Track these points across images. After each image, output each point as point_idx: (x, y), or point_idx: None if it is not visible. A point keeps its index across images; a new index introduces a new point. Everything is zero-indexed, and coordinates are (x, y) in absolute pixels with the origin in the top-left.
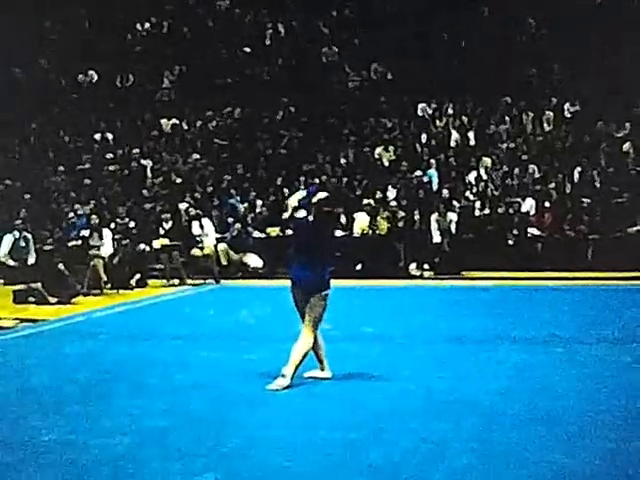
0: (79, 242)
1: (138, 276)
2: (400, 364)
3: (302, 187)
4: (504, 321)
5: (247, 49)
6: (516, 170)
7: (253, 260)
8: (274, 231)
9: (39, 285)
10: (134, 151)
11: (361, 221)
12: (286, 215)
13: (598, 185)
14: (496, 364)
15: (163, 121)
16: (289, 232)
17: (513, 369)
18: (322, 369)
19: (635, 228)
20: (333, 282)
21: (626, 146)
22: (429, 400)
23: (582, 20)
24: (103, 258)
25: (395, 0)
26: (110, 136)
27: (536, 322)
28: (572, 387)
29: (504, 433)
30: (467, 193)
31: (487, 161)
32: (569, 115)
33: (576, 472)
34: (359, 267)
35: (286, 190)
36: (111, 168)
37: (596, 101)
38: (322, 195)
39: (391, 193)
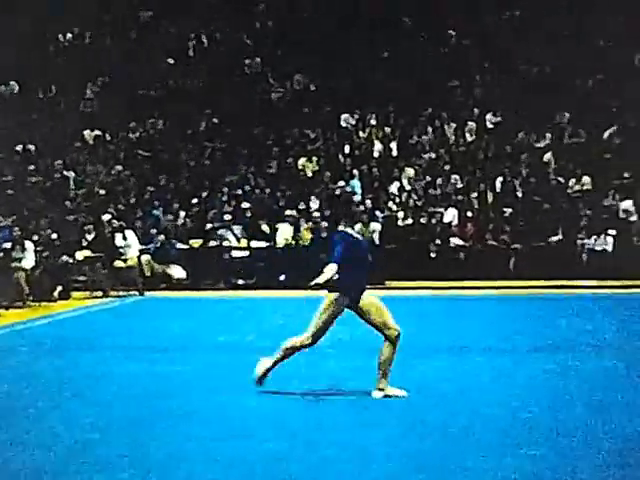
0: (1, 254)
1: (60, 288)
2: (329, 372)
3: (225, 198)
4: (426, 331)
5: (170, 60)
6: (438, 180)
7: (176, 271)
8: (197, 242)
9: None
10: (57, 162)
11: (284, 232)
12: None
13: (520, 195)
14: (418, 373)
15: (86, 132)
16: (212, 243)
17: (435, 378)
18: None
19: (556, 237)
20: (257, 293)
21: (547, 156)
22: (361, 408)
23: (503, 32)
24: (25, 270)
25: (317, 12)
26: (32, 147)
27: (458, 331)
28: (491, 395)
29: (422, 441)
30: (390, 203)
31: (410, 171)
32: (491, 126)
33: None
34: (282, 278)
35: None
36: (33, 180)
37: (517, 112)
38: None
39: (314, 204)
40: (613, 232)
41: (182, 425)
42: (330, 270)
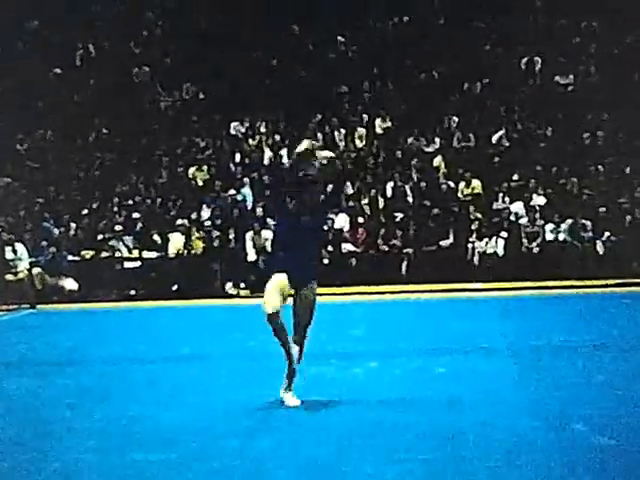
0: None
1: None
2: (215, 383)
3: (116, 209)
4: (318, 337)
5: (58, 70)
6: (330, 186)
7: (68, 283)
8: (88, 254)
9: None
10: None
11: (176, 241)
12: None
13: (411, 200)
14: (311, 381)
15: None
16: (104, 254)
17: (328, 385)
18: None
19: (447, 241)
20: (149, 304)
21: (436, 161)
22: (250, 415)
23: (391, 38)
24: None
25: (206, 19)
26: None
27: (350, 337)
28: (383, 399)
29: (315, 448)
30: None
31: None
32: (380, 131)
33: None
34: (175, 287)
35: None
36: None
37: (407, 117)
38: None
39: (205, 212)
40: (504, 235)
41: (73, 438)
42: None
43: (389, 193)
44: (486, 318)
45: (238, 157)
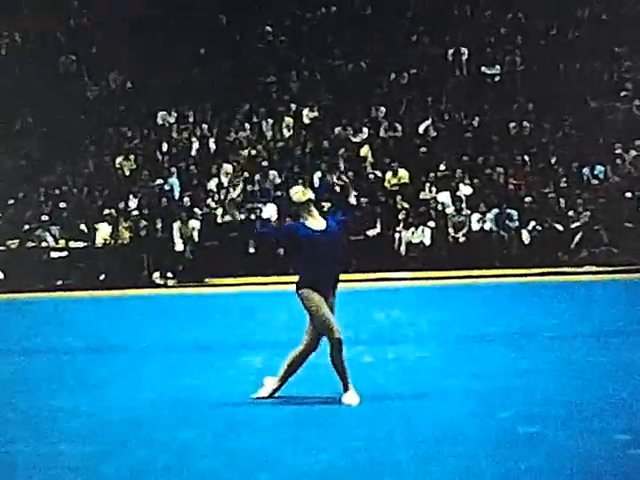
0: None
1: None
2: (141, 373)
3: (43, 199)
4: (241, 327)
5: None
6: (257, 176)
7: None
8: (14, 244)
9: None
10: None
11: (103, 231)
12: None
13: (338, 189)
14: (236, 370)
15: None
16: (30, 244)
17: (257, 373)
18: None
19: (374, 231)
20: (76, 294)
21: (364, 150)
22: (174, 407)
23: (318, 28)
24: None
25: (133, 9)
26: None
27: (275, 327)
28: (309, 389)
29: (237, 439)
30: (209, 200)
31: (228, 168)
32: (308, 121)
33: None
34: (102, 277)
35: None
36: None
37: (334, 107)
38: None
39: (133, 202)
40: (430, 224)
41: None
42: None
43: (316, 183)
44: (412, 307)
45: (165, 147)
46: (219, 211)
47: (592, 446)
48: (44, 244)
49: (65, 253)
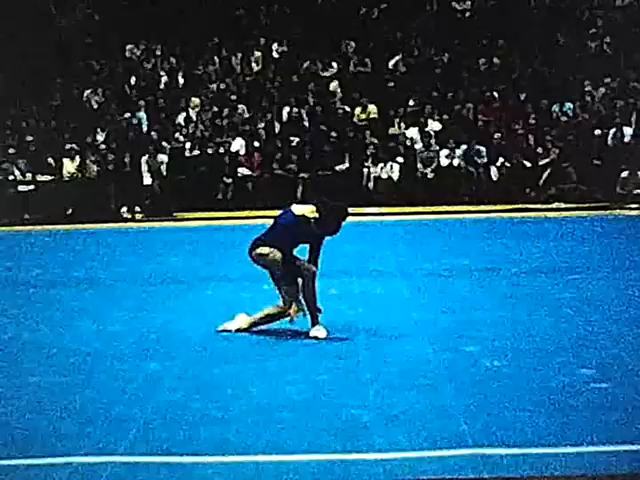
0: None
1: None
2: (110, 307)
3: (8, 132)
4: (215, 261)
5: None
6: (225, 110)
7: None
8: None
9: None
10: None
11: (70, 165)
12: None
13: (306, 124)
14: (204, 303)
15: None
16: None
17: (225, 306)
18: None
19: (343, 166)
20: (43, 228)
21: (333, 85)
22: (142, 339)
23: None
24: None
25: None
26: None
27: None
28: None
29: (203, 369)
30: (177, 134)
31: (196, 102)
32: (277, 55)
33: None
34: (69, 211)
35: None
36: None
37: (303, 41)
38: None
39: (100, 136)
40: (399, 160)
41: None
42: None
43: (285, 117)
44: (379, 242)
45: (134, 80)
46: (187, 145)
47: (556, 380)
48: (11, 177)
49: (32, 187)
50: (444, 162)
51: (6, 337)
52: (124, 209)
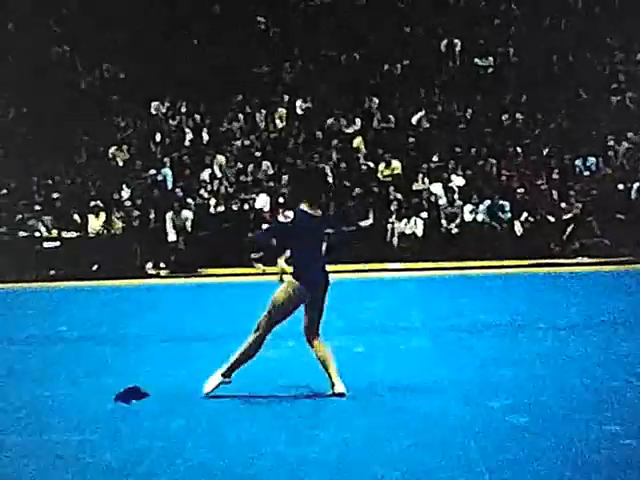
0: None
1: None
2: (134, 363)
3: (35, 188)
4: (232, 318)
5: None
6: (250, 167)
7: None
8: (7, 233)
9: None
10: None
11: (95, 221)
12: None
13: (331, 180)
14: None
15: None
16: (22, 234)
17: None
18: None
19: (367, 222)
20: (68, 284)
21: (356, 141)
22: (166, 396)
23: (311, 18)
24: None
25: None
26: None
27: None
28: (301, 378)
29: (230, 427)
30: (202, 191)
31: (221, 159)
32: (300, 112)
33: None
34: (95, 267)
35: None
36: None
37: (327, 98)
38: None
39: (125, 192)
40: (423, 215)
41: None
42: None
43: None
44: (404, 298)
45: (159, 137)
46: (212, 201)
47: (582, 437)
48: (37, 234)
49: (58, 243)
50: (468, 217)
51: (32, 393)
52: (149, 265)
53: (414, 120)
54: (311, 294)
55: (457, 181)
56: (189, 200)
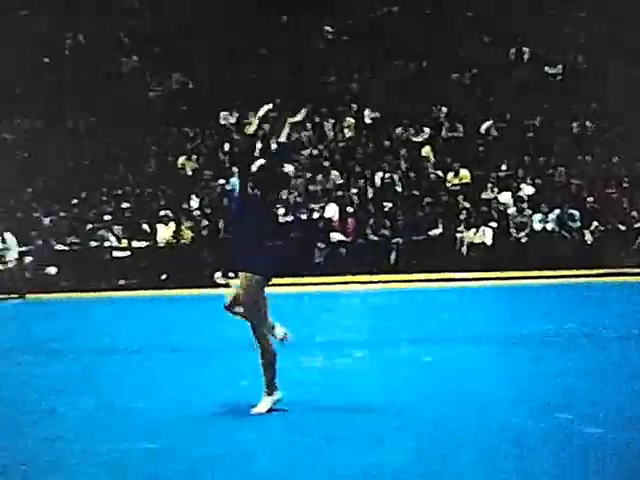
0: None
1: None
2: (204, 373)
3: (105, 198)
4: (306, 328)
5: (46, 59)
6: (318, 176)
7: (51, 271)
8: (77, 243)
9: None
10: None
11: (165, 231)
12: None
13: (399, 189)
14: (299, 372)
15: None
16: (93, 244)
17: (317, 375)
18: None
19: (436, 231)
20: (138, 293)
21: (425, 150)
22: (234, 407)
23: (379, 27)
24: None
25: (194, 8)
26: None
27: (338, 326)
28: (370, 387)
29: (301, 437)
30: None
31: (290, 168)
32: (369, 121)
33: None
34: (164, 277)
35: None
36: None
37: (395, 107)
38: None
39: (194, 202)
40: (492, 225)
41: (57, 427)
42: None
43: (378, 183)
44: (473, 308)
45: (227, 147)
46: (281, 211)
47: None
48: (107, 244)
49: (127, 253)
50: (537, 227)
51: (103, 403)
52: (218, 274)
53: (483, 129)
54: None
55: (526, 190)
56: None
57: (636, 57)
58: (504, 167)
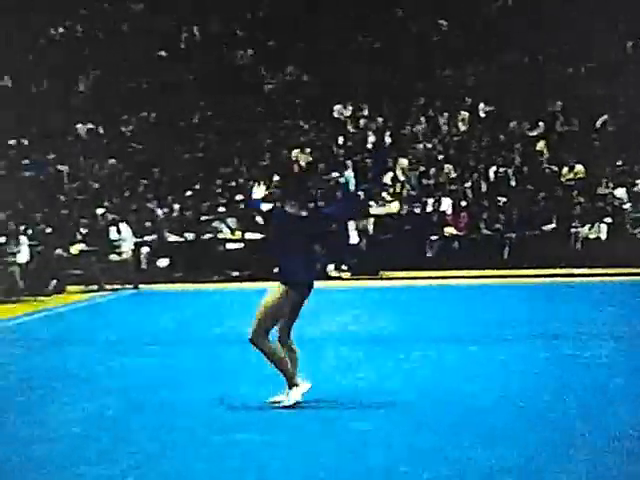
0: None
1: (55, 282)
2: (316, 364)
3: (219, 190)
4: (420, 321)
5: (162, 53)
6: (432, 170)
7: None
8: (191, 235)
9: None
10: (50, 156)
11: None
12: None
13: (513, 184)
14: (411, 363)
15: (79, 126)
16: (207, 236)
17: (431, 367)
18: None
19: (550, 226)
20: (252, 285)
21: (540, 145)
22: (350, 397)
23: (495, 20)
24: (20, 265)
25: (308, 2)
26: (26, 142)
27: (451, 320)
28: (486, 384)
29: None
30: (384, 194)
31: (404, 162)
32: (483, 115)
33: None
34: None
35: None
36: (27, 174)
37: (510, 101)
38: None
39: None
40: (607, 220)
41: (170, 417)
42: None
43: (492, 177)
44: (589, 304)
45: (341, 140)
46: (394, 204)
47: None
48: (220, 235)
49: (241, 244)
50: None
51: (215, 394)
52: (331, 267)
53: (598, 123)
54: (297, 298)
55: None
56: (372, 203)
57: None
58: (620, 162)
